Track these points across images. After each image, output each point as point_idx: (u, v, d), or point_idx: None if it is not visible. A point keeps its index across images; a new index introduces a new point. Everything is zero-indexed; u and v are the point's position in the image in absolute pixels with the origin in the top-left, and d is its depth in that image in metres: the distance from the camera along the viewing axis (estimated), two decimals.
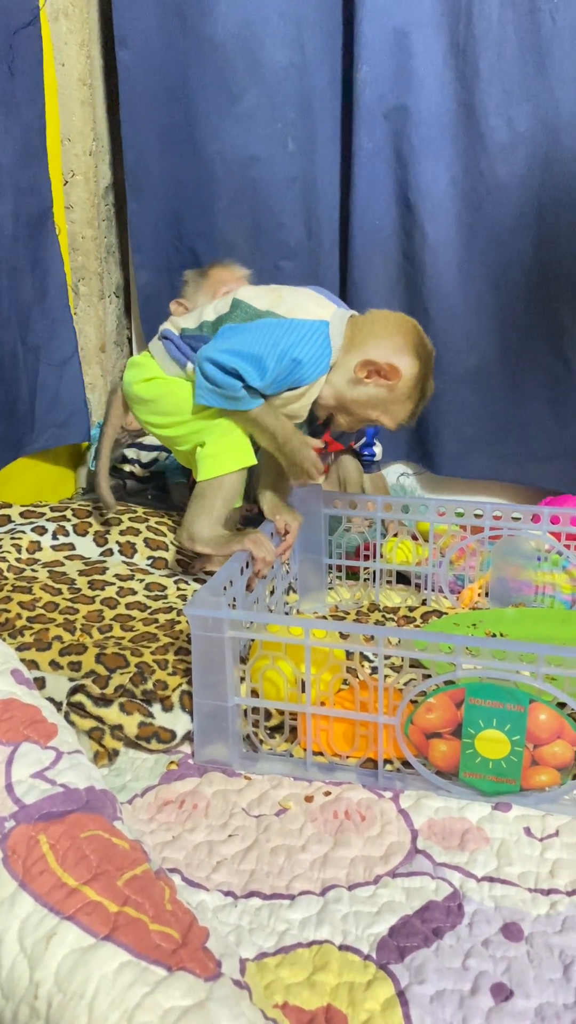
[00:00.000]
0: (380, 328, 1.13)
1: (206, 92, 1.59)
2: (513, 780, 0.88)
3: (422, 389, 1.15)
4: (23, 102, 1.47)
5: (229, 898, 0.77)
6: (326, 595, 1.38)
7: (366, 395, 1.13)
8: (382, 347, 1.12)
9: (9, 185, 1.45)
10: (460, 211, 1.57)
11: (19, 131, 1.47)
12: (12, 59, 1.42)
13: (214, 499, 1.16)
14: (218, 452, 1.15)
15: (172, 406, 1.18)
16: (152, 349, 1.22)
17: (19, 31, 1.43)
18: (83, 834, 0.69)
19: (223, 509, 1.16)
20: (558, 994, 0.67)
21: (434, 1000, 0.66)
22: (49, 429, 1.63)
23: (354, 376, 1.12)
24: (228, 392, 1.11)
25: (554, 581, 1.29)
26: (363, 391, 1.13)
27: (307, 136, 1.60)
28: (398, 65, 1.50)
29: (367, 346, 1.12)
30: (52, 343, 1.62)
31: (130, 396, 1.23)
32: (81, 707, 0.98)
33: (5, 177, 1.44)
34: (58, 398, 1.64)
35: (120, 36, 1.60)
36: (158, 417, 1.20)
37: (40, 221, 1.56)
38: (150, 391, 1.20)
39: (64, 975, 0.59)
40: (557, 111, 1.47)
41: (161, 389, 1.19)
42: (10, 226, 1.46)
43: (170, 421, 1.19)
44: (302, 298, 1.14)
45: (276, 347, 1.08)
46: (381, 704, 0.90)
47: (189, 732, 0.99)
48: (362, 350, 1.12)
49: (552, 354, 1.60)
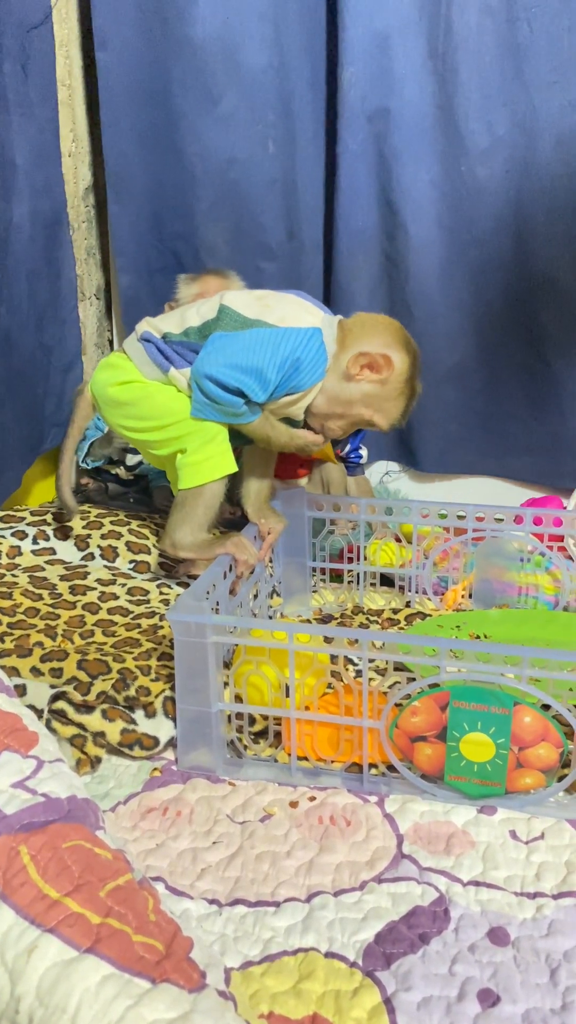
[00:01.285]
0: (369, 327, 1.14)
1: (186, 93, 1.59)
2: (498, 783, 0.87)
3: (412, 386, 1.15)
4: (36, 103, 1.47)
5: (214, 906, 0.76)
6: (310, 598, 1.37)
7: (360, 392, 1.13)
8: (373, 342, 1.12)
9: (26, 187, 1.44)
10: (441, 212, 1.58)
11: (34, 131, 1.46)
12: (25, 59, 1.41)
13: (195, 507, 1.15)
14: (199, 460, 1.14)
15: (150, 410, 1.16)
16: (128, 350, 1.19)
17: (31, 31, 1.42)
18: (65, 844, 0.68)
19: (205, 516, 1.15)
20: (545, 999, 0.67)
21: (421, 1007, 0.66)
22: (53, 429, 1.64)
23: (347, 372, 1.12)
24: (229, 409, 1.11)
25: (537, 582, 1.29)
26: (356, 388, 1.13)
27: (287, 138, 1.60)
28: (380, 68, 1.51)
29: (359, 343, 1.12)
30: (62, 344, 1.63)
31: (103, 398, 1.20)
32: (63, 714, 0.97)
33: (22, 179, 1.43)
34: (62, 398, 1.65)
35: (99, 37, 1.59)
36: (134, 421, 1.18)
37: (54, 222, 1.56)
38: (126, 394, 1.17)
39: (46, 989, 0.58)
40: (535, 116, 1.49)
41: (138, 392, 1.17)
42: (28, 228, 1.46)
43: (148, 425, 1.17)
44: (291, 306, 1.13)
45: (275, 357, 1.07)
46: (366, 708, 0.89)
47: (172, 738, 0.98)
48: (354, 347, 1.12)
49: (530, 351, 1.62)
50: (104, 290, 1.86)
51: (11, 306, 1.43)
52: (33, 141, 1.46)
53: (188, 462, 1.15)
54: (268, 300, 1.13)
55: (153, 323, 1.18)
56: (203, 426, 1.14)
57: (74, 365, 1.68)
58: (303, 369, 1.09)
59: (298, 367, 1.09)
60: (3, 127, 1.37)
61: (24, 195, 1.44)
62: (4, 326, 1.40)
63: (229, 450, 1.15)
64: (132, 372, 1.18)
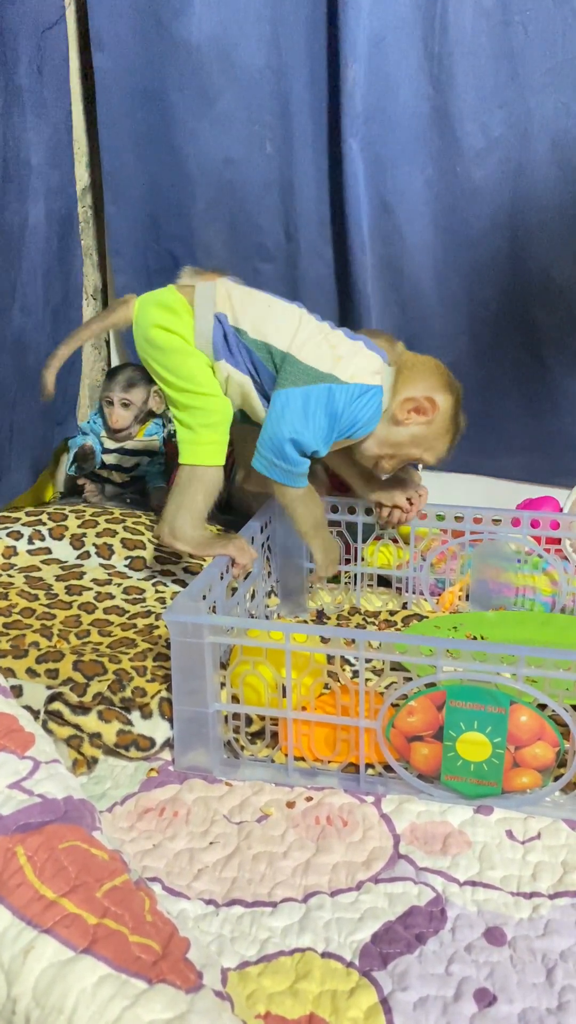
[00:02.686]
0: (417, 372, 1.16)
1: (182, 94, 1.59)
2: (495, 783, 0.87)
3: (456, 423, 1.19)
4: (51, 102, 1.47)
5: (210, 906, 0.76)
6: (307, 599, 1.37)
7: (409, 435, 1.16)
8: (418, 386, 1.15)
9: (41, 187, 1.45)
10: (436, 214, 1.59)
11: (48, 131, 1.46)
12: (41, 60, 1.41)
13: (196, 493, 1.14)
14: (200, 441, 1.14)
15: (178, 368, 1.14)
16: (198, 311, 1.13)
17: (46, 31, 1.42)
18: (61, 845, 0.68)
19: (204, 505, 1.15)
20: (541, 999, 0.67)
21: (417, 1007, 0.66)
22: (56, 428, 1.64)
23: (395, 417, 1.15)
24: (295, 470, 1.13)
25: (534, 584, 1.29)
26: (405, 432, 1.16)
27: (284, 139, 1.60)
28: (375, 69, 1.51)
29: (405, 388, 1.15)
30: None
31: (143, 331, 1.17)
32: (59, 715, 0.97)
33: (37, 179, 1.43)
34: (64, 397, 1.66)
35: (96, 38, 1.59)
36: (160, 367, 1.16)
37: (67, 222, 1.57)
38: (166, 341, 1.15)
39: (42, 990, 0.58)
40: (529, 117, 1.49)
41: (177, 345, 1.14)
42: (43, 228, 1.46)
43: (170, 379, 1.15)
44: (361, 360, 1.13)
45: (342, 420, 1.12)
46: (362, 708, 0.89)
47: (168, 739, 0.98)
48: (401, 393, 1.15)
49: (526, 351, 1.62)
50: (101, 291, 1.87)
51: (25, 307, 1.43)
52: (48, 141, 1.46)
53: (187, 439, 1.15)
54: (341, 350, 1.13)
55: (232, 302, 1.14)
56: (208, 406, 1.14)
57: (75, 365, 1.68)
58: (360, 427, 1.14)
59: (355, 424, 1.13)
60: (20, 127, 1.37)
61: (39, 195, 1.44)
62: (19, 327, 1.41)
63: (224, 443, 1.15)
64: (182, 326, 1.14)
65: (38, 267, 1.45)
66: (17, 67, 1.34)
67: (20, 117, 1.37)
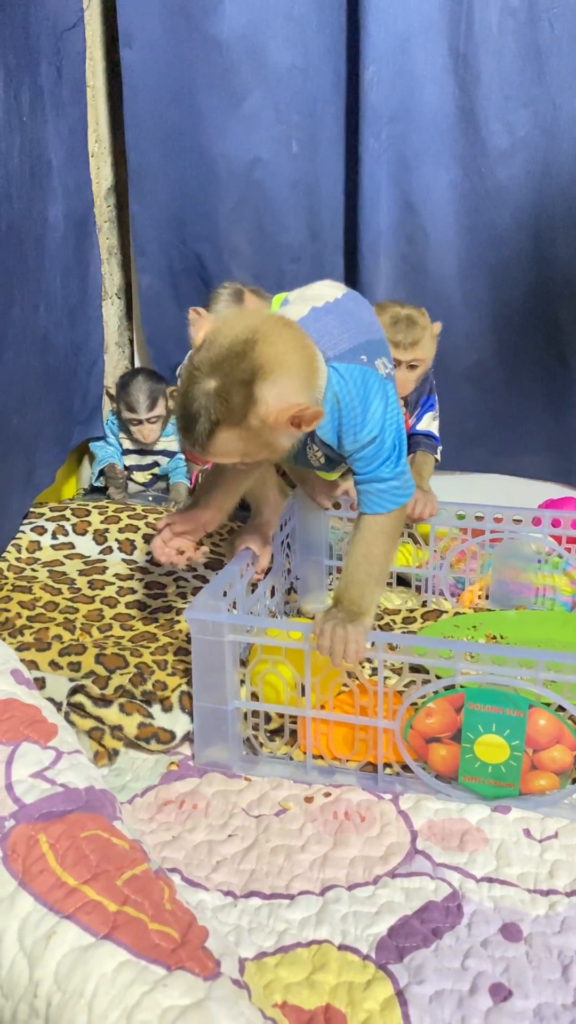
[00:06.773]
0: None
1: (210, 93, 1.59)
2: (512, 784, 0.88)
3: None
4: (69, 103, 1.48)
5: (229, 898, 0.77)
6: (327, 595, 1.38)
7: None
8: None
9: (59, 186, 1.46)
10: (460, 213, 1.58)
11: (67, 131, 1.48)
12: (60, 61, 1.43)
13: None
14: None
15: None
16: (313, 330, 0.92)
17: (65, 32, 1.44)
18: (83, 834, 0.69)
19: None
20: (556, 994, 0.67)
21: (433, 1000, 0.66)
22: (77, 426, 1.66)
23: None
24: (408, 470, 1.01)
25: (554, 584, 1.29)
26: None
27: (311, 138, 1.60)
28: (401, 69, 1.51)
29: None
30: (88, 343, 1.65)
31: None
32: (81, 707, 0.98)
33: (55, 178, 1.44)
34: (87, 395, 1.67)
35: (124, 35, 1.59)
36: None
37: (84, 221, 1.58)
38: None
39: (63, 974, 0.59)
40: (556, 117, 1.48)
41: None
42: (62, 227, 1.48)
43: None
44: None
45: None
46: (381, 708, 0.90)
47: (189, 733, 0.99)
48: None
49: (548, 351, 1.62)
50: (124, 290, 1.88)
51: (48, 304, 1.44)
52: (66, 141, 1.48)
53: None
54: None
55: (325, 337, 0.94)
56: None
57: (97, 363, 1.70)
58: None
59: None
60: (40, 126, 1.39)
61: (58, 194, 1.46)
62: (42, 324, 1.42)
63: None
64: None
65: (57, 265, 1.46)
66: (38, 67, 1.36)
67: (41, 116, 1.39)
